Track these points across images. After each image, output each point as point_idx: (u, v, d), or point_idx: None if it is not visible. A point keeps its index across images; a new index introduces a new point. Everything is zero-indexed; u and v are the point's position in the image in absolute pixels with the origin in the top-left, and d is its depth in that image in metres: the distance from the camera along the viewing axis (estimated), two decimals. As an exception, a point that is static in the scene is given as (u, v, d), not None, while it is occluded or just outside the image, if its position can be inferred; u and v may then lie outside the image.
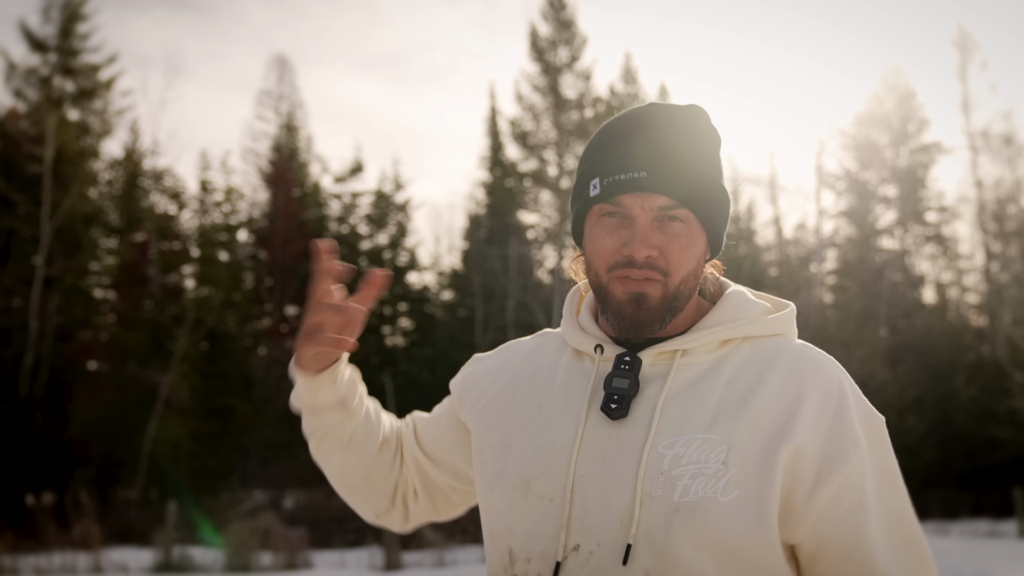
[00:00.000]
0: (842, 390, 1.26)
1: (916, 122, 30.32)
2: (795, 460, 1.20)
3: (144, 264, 25.87)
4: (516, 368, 1.43)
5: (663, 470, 1.20)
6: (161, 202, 27.62)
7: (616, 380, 1.27)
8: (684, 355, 1.29)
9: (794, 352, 1.29)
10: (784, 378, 1.25)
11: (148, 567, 14.18)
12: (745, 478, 1.19)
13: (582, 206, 1.32)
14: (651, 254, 1.25)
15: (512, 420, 1.36)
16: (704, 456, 1.20)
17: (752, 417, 1.22)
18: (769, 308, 1.36)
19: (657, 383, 1.27)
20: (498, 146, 29.62)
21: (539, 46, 29.61)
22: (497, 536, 1.33)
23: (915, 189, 30.05)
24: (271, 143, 30.51)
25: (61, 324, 23.60)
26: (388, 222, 30.20)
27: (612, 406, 1.26)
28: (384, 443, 1.54)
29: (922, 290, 30.49)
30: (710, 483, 1.18)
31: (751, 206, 31.17)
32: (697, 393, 1.25)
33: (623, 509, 1.20)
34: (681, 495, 1.18)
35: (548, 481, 1.26)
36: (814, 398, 1.23)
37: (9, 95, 25.21)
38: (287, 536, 14.51)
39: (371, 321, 29.07)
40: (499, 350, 1.51)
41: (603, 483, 1.23)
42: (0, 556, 13.92)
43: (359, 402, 1.50)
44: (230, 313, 25.46)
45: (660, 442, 1.22)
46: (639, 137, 1.29)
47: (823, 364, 1.28)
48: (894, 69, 31.13)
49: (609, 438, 1.25)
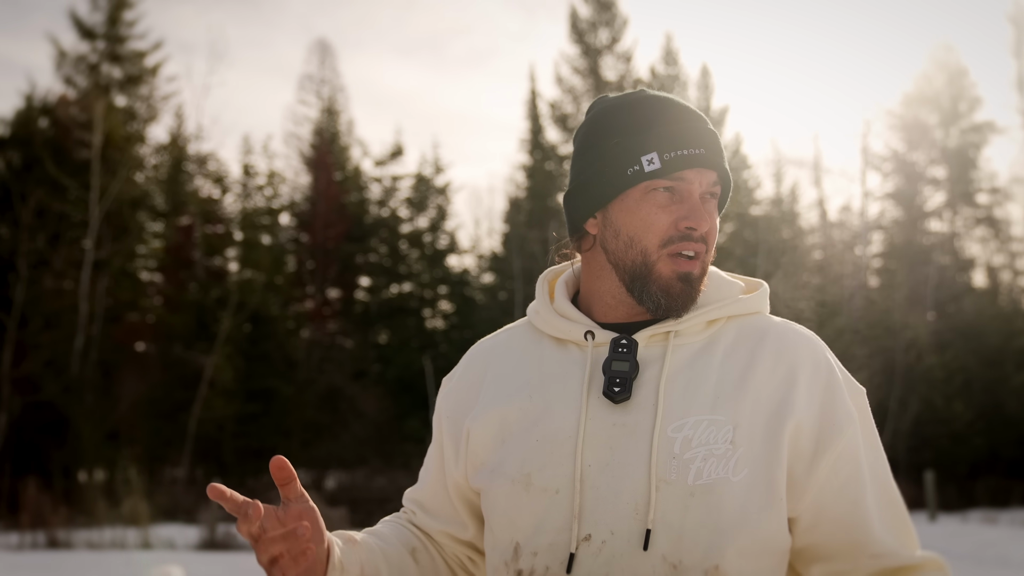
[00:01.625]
0: (829, 365, 1.29)
1: (967, 101, 29.60)
2: (795, 435, 1.22)
3: (189, 247, 26.29)
4: (495, 368, 1.39)
5: (675, 454, 1.20)
6: (205, 186, 28.03)
7: (616, 363, 1.26)
8: (676, 336, 1.29)
9: (780, 329, 1.31)
10: (775, 355, 1.27)
11: (194, 544, 14.48)
12: (753, 456, 1.20)
13: (624, 181, 1.28)
14: (708, 228, 1.28)
15: (503, 416, 1.32)
16: (712, 437, 1.20)
17: (751, 395, 1.23)
18: (744, 287, 1.37)
19: (655, 365, 1.26)
20: (538, 129, 29.52)
21: (579, 28, 29.40)
22: (498, 531, 1.30)
23: (965, 170, 29.36)
24: (313, 127, 30.74)
25: (110, 306, 24.11)
26: (428, 205, 30.30)
27: (615, 389, 1.24)
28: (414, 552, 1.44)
29: (972, 273, 29.86)
30: (721, 464, 1.19)
31: (794, 188, 30.71)
32: (695, 373, 1.25)
33: (638, 496, 1.20)
34: (695, 478, 1.19)
35: (552, 473, 1.24)
36: (805, 373, 1.26)
37: (60, 82, 25.72)
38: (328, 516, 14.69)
39: (411, 304, 29.27)
40: (466, 358, 1.46)
41: (613, 471, 1.21)
42: (55, 530, 14.32)
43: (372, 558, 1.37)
44: (272, 295, 25.79)
45: (668, 425, 1.22)
46: (688, 115, 1.31)
47: (809, 340, 1.31)
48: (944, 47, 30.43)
49: (614, 425, 1.24)
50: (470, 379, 1.42)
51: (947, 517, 18.46)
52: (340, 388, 24.55)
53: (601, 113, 1.35)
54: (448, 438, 1.41)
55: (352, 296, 29.78)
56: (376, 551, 1.38)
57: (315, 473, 23.51)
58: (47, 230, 22.80)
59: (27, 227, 22.41)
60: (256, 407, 24.11)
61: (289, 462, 1.21)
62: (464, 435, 1.36)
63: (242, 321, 24.66)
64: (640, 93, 1.35)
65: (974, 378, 24.63)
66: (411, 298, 29.43)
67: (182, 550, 13.95)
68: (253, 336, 25.28)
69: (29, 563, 11.93)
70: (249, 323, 25.11)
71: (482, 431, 1.34)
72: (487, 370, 1.40)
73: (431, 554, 1.46)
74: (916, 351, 24.12)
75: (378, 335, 29.18)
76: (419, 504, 1.49)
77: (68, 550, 13.77)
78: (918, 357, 24.06)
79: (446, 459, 1.42)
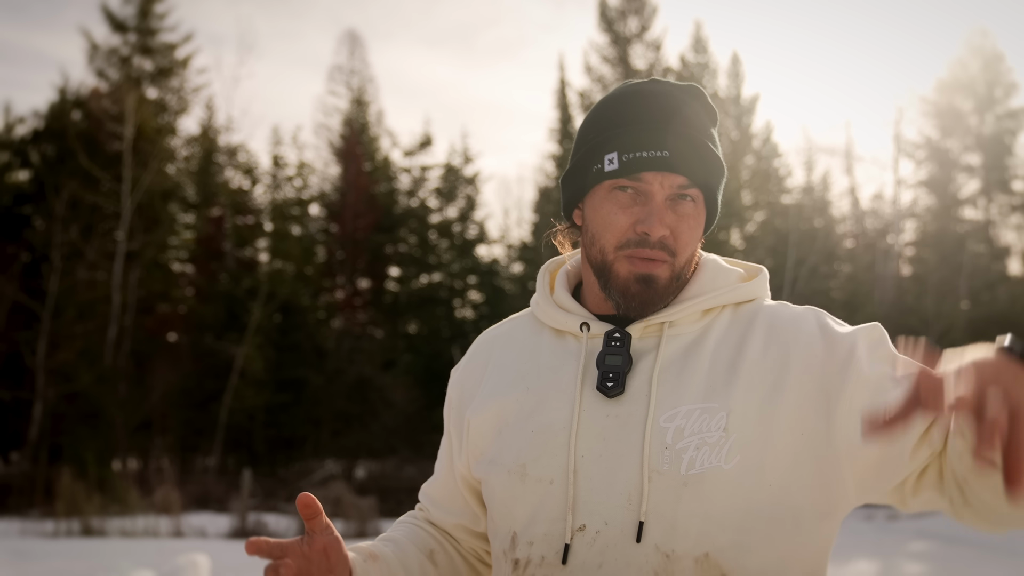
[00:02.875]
0: (821, 321, 1.27)
1: (1003, 87, 29.05)
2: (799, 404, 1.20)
3: (220, 238, 26.50)
4: (497, 358, 1.41)
5: (667, 444, 1.20)
6: (235, 177, 28.21)
7: (609, 357, 1.27)
8: (671, 327, 1.29)
9: (770, 311, 1.31)
10: (766, 336, 1.26)
11: (225, 532, 14.63)
12: (745, 441, 1.19)
13: (591, 179, 1.30)
14: (665, 234, 1.26)
15: (502, 407, 1.34)
16: (705, 425, 1.20)
17: (743, 379, 1.22)
18: (743, 275, 1.37)
19: (648, 356, 1.27)
20: (567, 118, 29.39)
21: (608, 16, 29.20)
22: (498, 521, 1.32)
23: (1001, 157, 28.85)
24: (342, 118, 30.81)
25: (142, 297, 24.38)
26: (457, 195, 30.30)
27: (608, 384, 1.25)
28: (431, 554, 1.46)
29: (1007, 262, 29.37)
30: (714, 452, 1.19)
31: (826, 176, 30.34)
32: (688, 363, 1.25)
33: (630, 486, 1.20)
34: (688, 468, 1.19)
35: (547, 464, 1.25)
36: (799, 344, 1.24)
37: (92, 75, 25.99)
38: (358, 505, 14.80)
39: (441, 294, 29.31)
40: (471, 349, 1.49)
41: (606, 462, 1.22)
42: (89, 518, 14.53)
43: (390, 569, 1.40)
44: (302, 286, 25.94)
45: (660, 416, 1.22)
46: (655, 113, 1.29)
47: (800, 314, 1.30)
48: (980, 32, 29.85)
49: (607, 416, 1.24)
50: (473, 370, 1.44)
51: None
52: (370, 378, 24.66)
53: (596, 104, 1.36)
54: (454, 429, 1.45)
55: (382, 286, 29.89)
56: (394, 562, 1.40)
57: (345, 462, 23.66)
58: (80, 222, 23.07)
59: (60, 219, 22.70)
60: (286, 397, 24.29)
61: (315, 498, 1.26)
62: (465, 426, 1.39)
63: (272, 311, 24.83)
64: (629, 87, 1.34)
65: (1010, 368, 24.22)
66: (440, 288, 29.47)
67: (213, 538, 14.09)
68: (283, 326, 25.45)
69: (64, 550, 12.12)
70: (279, 313, 25.29)
71: (481, 421, 1.36)
72: (489, 360, 1.42)
73: (449, 554, 1.48)
74: (949, 341, 23.79)
75: (408, 325, 29.26)
76: (431, 499, 1.52)
77: (102, 537, 13.97)
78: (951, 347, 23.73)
79: (452, 450, 1.45)
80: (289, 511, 16.25)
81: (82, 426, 21.10)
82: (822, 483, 1.21)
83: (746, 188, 27.65)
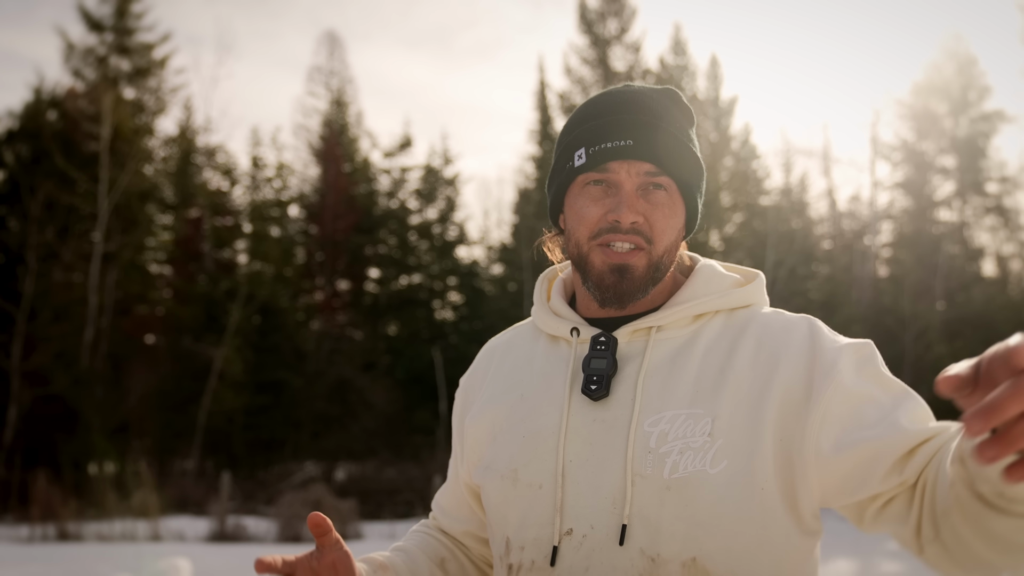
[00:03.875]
0: (813, 330, 1.26)
1: (977, 90, 29.39)
2: (783, 411, 1.20)
3: (198, 239, 26.33)
4: (496, 366, 1.44)
5: (650, 448, 1.21)
6: (214, 178, 28.05)
7: (594, 361, 1.28)
8: (659, 331, 1.29)
9: (764, 318, 1.30)
10: (757, 343, 1.26)
11: (204, 536, 14.54)
12: (733, 447, 1.19)
13: (565, 178, 1.33)
14: (637, 220, 1.27)
15: (496, 414, 1.37)
16: (690, 431, 1.20)
17: (731, 386, 1.22)
18: (739, 280, 1.36)
19: (635, 361, 1.28)
20: (547, 120, 29.44)
21: (588, 18, 29.28)
22: (493, 526, 1.35)
23: (975, 159, 29.19)
24: (322, 119, 30.71)
25: (119, 299, 24.18)
26: (437, 196, 30.27)
27: (592, 387, 1.26)
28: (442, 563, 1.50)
29: (981, 263, 29.71)
30: (698, 456, 1.19)
31: (804, 178, 30.59)
32: (675, 368, 1.26)
33: (615, 490, 1.21)
34: (671, 471, 1.19)
35: (536, 468, 1.27)
36: (789, 352, 1.23)
37: (68, 75, 25.73)
38: (338, 507, 14.75)
39: (421, 295, 29.26)
40: (478, 357, 1.52)
41: (592, 466, 1.23)
42: (65, 522, 14.38)
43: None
44: (282, 287, 25.82)
45: (645, 420, 1.23)
46: (622, 109, 1.31)
47: (793, 321, 1.29)
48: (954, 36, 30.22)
49: (594, 420, 1.25)
50: (476, 378, 1.48)
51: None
52: (350, 380, 24.58)
53: (573, 111, 1.40)
54: (456, 437, 1.49)
55: (361, 288, 29.80)
56: (404, 571, 1.44)
57: (325, 465, 23.56)
58: (56, 223, 22.85)
59: (36, 220, 22.46)
60: (266, 399, 24.17)
61: (326, 518, 1.29)
62: (465, 433, 1.43)
63: (251, 313, 24.69)
64: (603, 91, 1.37)
65: (985, 368, 24.50)
66: (420, 289, 29.42)
67: (192, 542, 14.00)
68: (262, 328, 25.32)
69: (39, 555, 11.99)
70: (258, 315, 25.15)
71: (477, 429, 1.39)
72: (490, 369, 1.45)
73: (460, 561, 1.51)
74: (925, 341, 24.03)
75: (387, 327, 29.19)
76: (441, 508, 1.55)
77: (78, 542, 13.84)
78: (927, 347, 23.96)
79: (456, 458, 1.49)
80: (269, 514, 16.18)
81: (58, 429, 20.89)
82: (795, 489, 1.21)
83: (725, 190, 27.82)
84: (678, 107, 1.33)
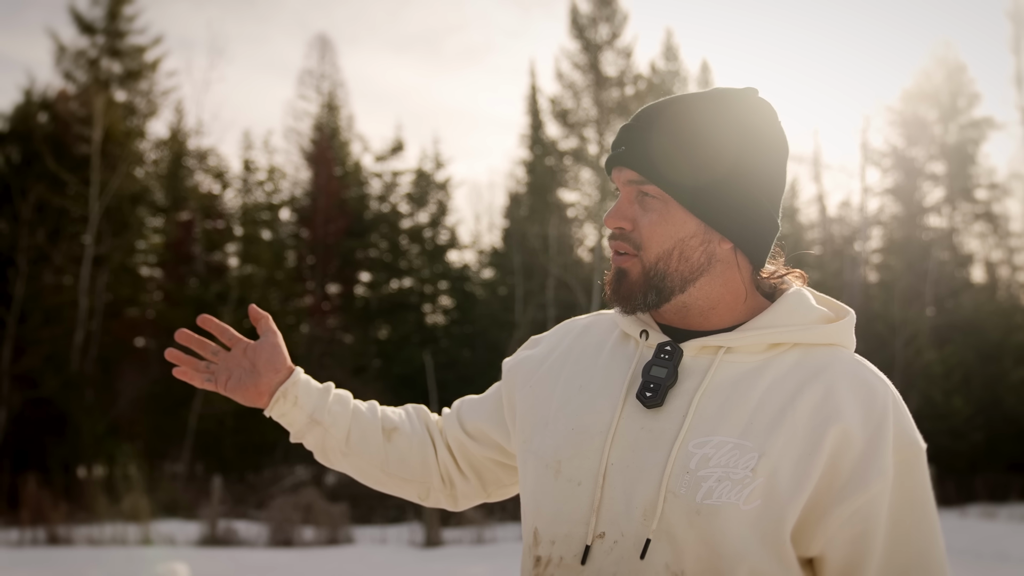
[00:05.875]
0: (884, 414, 1.20)
1: (966, 97, 29.58)
2: (822, 481, 1.18)
3: (189, 243, 26.27)
4: (566, 347, 1.43)
5: (689, 469, 1.19)
6: (205, 181, 28.00)
7: (655, 368, 1.26)
8: (728, 352, 1.26)
9: (842, 368, 1.24)
10: (825, 393, 1.21)
11: (194, 540, 14.49)
12: (772, 491, 1.16)
13: None
14: (622, 226, 1.28)
15: (552, 398, 1.36)
16: (733, 461, 1.18)
17: (787, 428, 1.19)
18: (828, 316, 1.30)
19: (696, 377, 1.25)
20: (538, 124, 29.49)
21: (579, 23, 29.35)
22: (525, 512, 1.34)
23: (964, 166, 29.36)
24: (313, 122, 30.69)
25: (110, 302, 24.11)
26: (428, 200, 30.28)
27: (648, 394, 1.24)
28: (392, 432, 1.55)
29: (970, 269, 29.88)
30: (735, 489, 1.17)
31: (794, 184, 30.73)
32: (736, 394, 1.23)
33: (647, 502, 1.20)
34: (704, 497, 1.17)
35: (579, 465, 1.26)
36: (854, 419, 1.19)
37: (59, 77, 25.66)
38: (329, 512, 14.73)
39: (412, 299, 29.25)
40: (554, 330, 1.51)
41: (631, 473, 1.22)
42: (55, 526, 14.32)
43: (336, 410, 1.52)
44: (273, 291, 25.79)
45: (691, 440, 1.21)
46: (639, 114, 1.31)
47: (870, 385, 1.23)
48: (944, 43, 30.48)
49: (642, 428, 1.24)
50: (545, 350, 1.47)
51: (946, 512, 18.50)
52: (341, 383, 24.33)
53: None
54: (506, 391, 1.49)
55: (352, 291, 29.78)
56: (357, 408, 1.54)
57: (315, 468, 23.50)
58: (47, 225, 22.77)
59: (27, 222, 22.39)
60: (256, 402, 24.09)
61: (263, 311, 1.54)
62: (516, 403, 1.44)
63: (242, 316, 24.63)
64: None
65: (973, 373, 24.64)
66: (411, 293, 29.42)
67: (182, 546, 13.96)
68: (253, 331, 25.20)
69: (29, 559, 11.95)
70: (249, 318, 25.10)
71: (530, 406, 1.40)
72: (558, 347, 1.44)
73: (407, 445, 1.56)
74: (915, 346, 24.14)
75: (378, 330, 29.18)
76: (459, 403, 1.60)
77: (68, 546, 13.78)
78: (917, 352, 24.08)
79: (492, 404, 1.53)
80: (259, 518, 16.14)
81: (48, 432, 20.80)
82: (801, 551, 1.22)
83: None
84: (717, 114, 1.27)
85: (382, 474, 1.56)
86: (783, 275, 1.36)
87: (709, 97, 1.29)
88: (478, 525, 14.87)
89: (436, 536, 14.00)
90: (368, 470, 1.55)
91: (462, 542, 14.30)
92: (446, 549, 13.61)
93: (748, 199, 1.27)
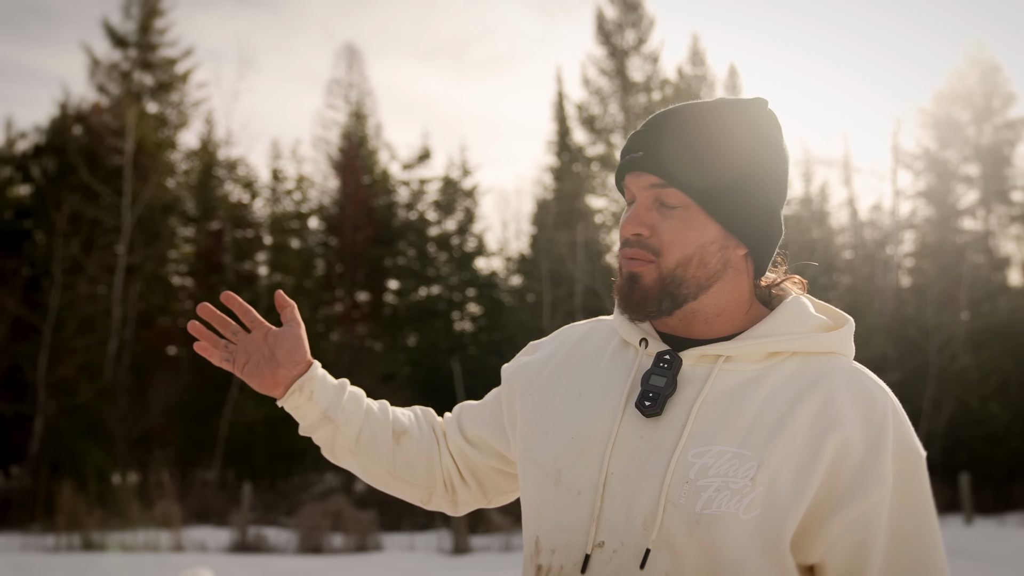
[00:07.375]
0: (883, 422, 1.21)
1: (1001, 97, 29.15)
2: (822, 489, 1.18)
3: (219, 252, 26.53)
4: (565, 353, 1.42)
5: (689, 478, 1.19)
6: (235, 191, 28.26)
7: (654, 377, 1.26)
8: (727, 361, 1.25)
9: (841, 376, 1.24)
10: (825, 402, 1.21)
11: (225, 546, 14.60)
12: (771, 499, 1.16)
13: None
14: (640, 232, 1.26)
15: (552, 406, 1.36)
16: (733, 470, 1.18)
17: (786, 437, 1.19)
18: (827, 324, 1.30)
19: (695, 386, 1.25)
20: (565, 131, 29.46)
21: (605, 29, 29.33)
22: (526, 520, 1.34)
23: (1000, 167, 28.92)
24: (341, 131, 30.89)
25: (142, 311, 24.39)
26: (456, 208, 30.35)
27: (646, 403, 1.24)
28: (402, 435, 1.54)
29: (1006, 272, 29.40)
30: (735, 499, 1.16)
31: (824, 188, 30.42)
32: (735, 403, 1.22)
33: (646, 512, 1.20)
34: (703, 507, 1.17)
35: (578, 473, 1.26)
36: (853, 427, 1.19)
37: (93, 90, 26.07)
38: (358, 519, 14.77)
39: (440, 307, 29.32)
40: (552, 336, 1.50)
41: (631, 483, 1.22)
42: (89, 532, 14.50)
43: (350, 408, 1.51)
44: (302, 299, 25.94)
45: (690, 449, 1.20)
46: (649, 123, 1.30)
47: (869, 393, 1.23)
48: (977, 43, 29.97)
49: (641, 438, 1.24)
50: (544, 357, 1.45)
51: (983, 521, 18.18)
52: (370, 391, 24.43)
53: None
54: (506, 398, 1.48)
55: (381, 299, 29.90)
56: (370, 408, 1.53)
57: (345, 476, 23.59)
58: (81, 236, 23.11)
59: (61, 233, 22.74)
60: (286, 410, 24.23)
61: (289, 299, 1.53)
62: (516, 411, 1.43)
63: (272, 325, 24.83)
64: None
65: (1010, 379, 24.22)
66: (439, 301, 29.48)
67: (213, 552, 14.06)
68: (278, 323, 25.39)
69: (64, 565, 12.09)
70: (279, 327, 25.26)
71: (530, 414, 1.39)
72: (557, 353, 1.43)
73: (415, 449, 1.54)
74: (950, 352, 23.78)
75: (407, 338, 29.26)
76: (459, 409, 1.58)
77: (102, 552, 13.94)
78: (952, 358, 23.71)
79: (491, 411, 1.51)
80: (289, 525, 16.22)
81: (82, 440, 21.07)
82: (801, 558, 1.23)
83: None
84: (738, 119, 1.26)
85: (388, 476, 1.55)
86: (780, 282, 1.36)
87: (721, 104, 1.29)
88: (506, 532, 14.85)
89: (464, 543, 13.99)
90: (374, 471, 1.55)
91: (490, 549, 14.28)
92: (474, 556, 13.59)
93: (764, 204, 1.27)
